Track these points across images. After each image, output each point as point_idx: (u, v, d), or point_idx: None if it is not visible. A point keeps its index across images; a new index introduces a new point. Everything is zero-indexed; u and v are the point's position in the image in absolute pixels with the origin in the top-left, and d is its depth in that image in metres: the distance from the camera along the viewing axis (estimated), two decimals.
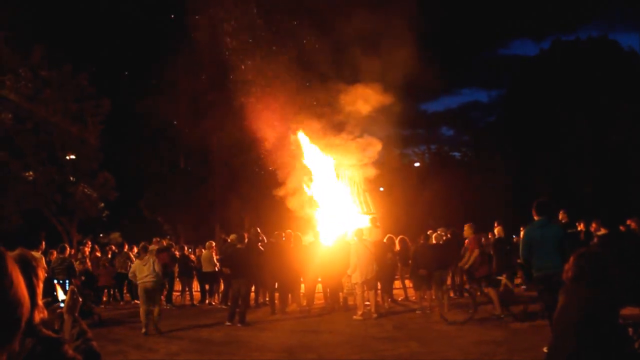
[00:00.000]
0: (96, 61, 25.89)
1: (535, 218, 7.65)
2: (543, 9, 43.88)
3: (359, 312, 11.40)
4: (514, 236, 14.04)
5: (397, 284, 14.70)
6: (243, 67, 22.19)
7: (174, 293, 15.66)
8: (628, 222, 13.27)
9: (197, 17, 22.28)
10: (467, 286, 13.28)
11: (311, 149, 18.52)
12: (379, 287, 13.15)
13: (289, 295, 13.29)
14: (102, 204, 26.14)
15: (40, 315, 2.05)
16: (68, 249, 13.63)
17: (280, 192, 18.23)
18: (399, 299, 14.04)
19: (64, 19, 25.46)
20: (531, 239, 7.55)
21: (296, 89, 21.24)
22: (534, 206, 7.70)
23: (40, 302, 2.13)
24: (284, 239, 13.53)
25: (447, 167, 40.50)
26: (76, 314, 2.47)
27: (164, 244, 16.15)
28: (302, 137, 18.61)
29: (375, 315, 11.32)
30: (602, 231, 12.65)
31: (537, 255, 7.42)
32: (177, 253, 15.96)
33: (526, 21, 49.41)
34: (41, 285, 2.22)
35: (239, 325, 10.83)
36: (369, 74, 17.85)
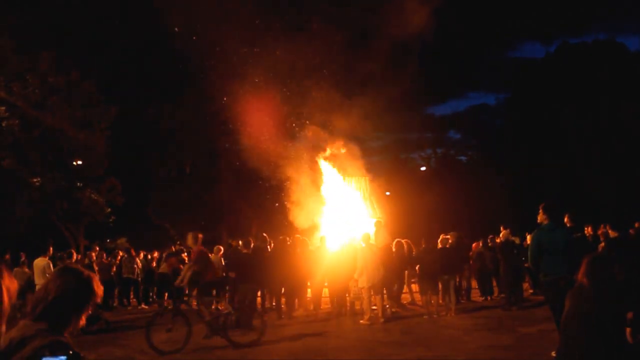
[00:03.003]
0: (103, 68, 26.02)
1: (540, 218, 7.56)
2: (551, 11, 43.77)
3: (366, 317, 11.38)
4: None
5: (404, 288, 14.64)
6: (250, 72, 22.26)
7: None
8: (637, 224, 13.19)
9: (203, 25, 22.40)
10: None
11: (317, 154, 18.56)
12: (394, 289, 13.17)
13: (296, 300, 13.28)
14: (109, 210, 26.23)
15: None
16: (75, 254, 13.68)
17: (288, 198, 18.25)
18: (406, 303, 13.99)
19: (71, 26, 25.61)
20: (540, 243, 7.47)
21: (301, 95, 21.29)
22: (541, 207, 7.62)
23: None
24: (288, 243, 13.55)
25: (453, 171, 40.41)
26: None
27: (173, 249, 16.20)
28: (307, 142, 18.66)
29: (382, 320, 11.30)
30: (612, 234, 12.56)
31: (546, 259, 7.36)
32: (185, 258, 15.97)
33: (534, 24, 49.31)
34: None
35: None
36: (376, 78, 17.89)
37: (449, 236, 13.40)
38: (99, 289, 2.49)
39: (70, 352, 2.19)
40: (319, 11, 21.36)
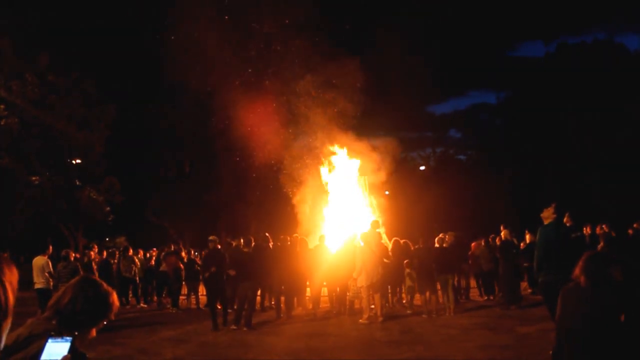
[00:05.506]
0: (102, 67, 26.02)
1: (547, 214, 7.49)
2: (551, 11, 43.81)
3: (365, 316, 11.38)
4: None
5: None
6: (249, 70, 22.25)
7: (180, 297, 15.66)
8: (635, 225, 13.20)
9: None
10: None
11: (316, 153, 18.55)
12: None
13: (295, 299, 13.28)
14: (108, 208, 26.22)
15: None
16: (72, 254, 13.66)
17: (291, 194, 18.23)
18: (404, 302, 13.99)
19: (70, 26, 25.60)
20: (547, 241, 7.41)
21: (300, 92, 21.27)
22: (554, 204, 7.53)
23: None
24: (289, 243, 13.55)
25: (452, 170, 40.37)
26: None
27: (172, 248, 16.20)
28: (306, 142, 18.65)
29: (381, 319, 11.30)
30: (612, 234, 12.59)
31: (548, 258, 7.32)
32: (184, 257, 15.98)
33: (534, 23, 49.32)
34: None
35: (244, 329, 10.82)
36: (376, 78, 17.88)
37: (446, 236, 13.40)
38: (115, 304, 2.51)
39: (76, 333, 2.20)
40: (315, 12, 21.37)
